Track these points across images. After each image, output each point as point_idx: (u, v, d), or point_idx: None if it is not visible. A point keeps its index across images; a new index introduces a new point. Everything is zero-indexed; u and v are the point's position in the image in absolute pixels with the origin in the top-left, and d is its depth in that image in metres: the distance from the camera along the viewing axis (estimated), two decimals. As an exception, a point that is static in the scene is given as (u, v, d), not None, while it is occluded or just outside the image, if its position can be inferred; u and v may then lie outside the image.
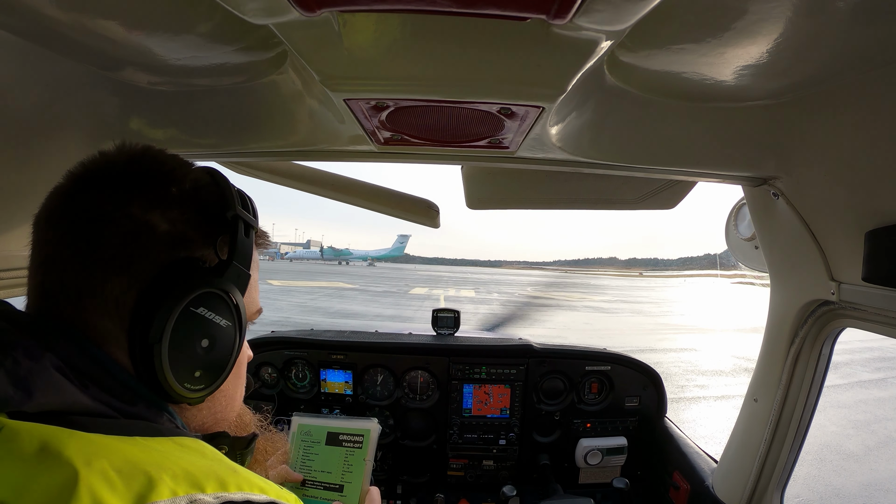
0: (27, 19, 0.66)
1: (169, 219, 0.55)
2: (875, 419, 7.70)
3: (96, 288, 0.52)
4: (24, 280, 0.57)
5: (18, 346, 0.45)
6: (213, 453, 0.52)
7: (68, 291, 0.53)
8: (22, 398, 0.43)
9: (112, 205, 0.54)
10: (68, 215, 0.54)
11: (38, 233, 0.56)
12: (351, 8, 0.53)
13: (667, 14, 0.59)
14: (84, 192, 0.55)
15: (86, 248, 0.52)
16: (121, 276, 0.52)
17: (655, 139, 1.03)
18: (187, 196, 0.58)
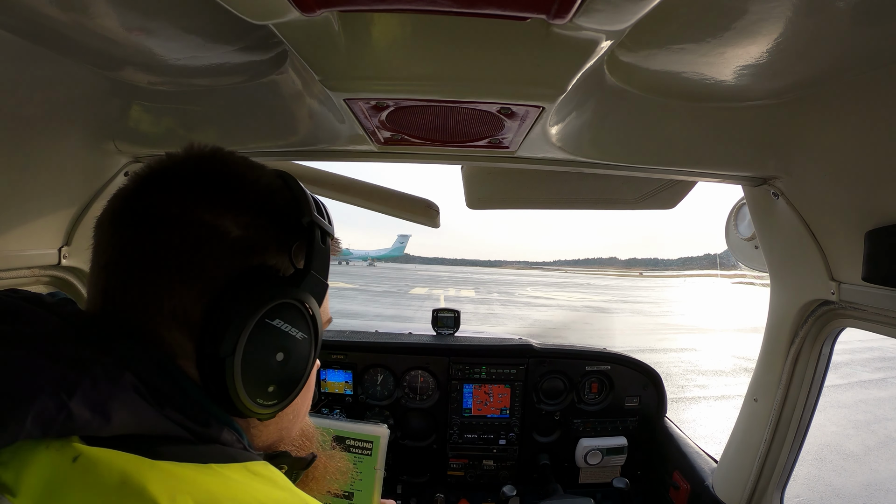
0: (27, 19, 0.65)
1: (241, 224, 0.52)
2: (875, 419, 7.70)
3: (163, 296, 0.49)
4: (25, 280, 0.57)
5: (96, 365, 0.42)
6: (285, 482, 0.50)
7: (133, 299, 0.50)
8: (100, 424, 0.40)
9: (179, 208, 0.51)
10: (133, 218, 0.51)
11: (102, 235, 0.53)
12: (351, 8, 0.53)
13: (667, 14, 0.59)
14: (150, 193, 0.52)
15: (152, 254, 0.49)
16: (190, 284, 0.49)
17: (655, 139, 1.03)
18: (260, 200, 0.54)
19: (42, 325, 0.45)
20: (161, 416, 0.44)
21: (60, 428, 0.39)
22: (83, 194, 1.13)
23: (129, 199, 0.53)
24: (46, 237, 1.08)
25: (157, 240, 0.49)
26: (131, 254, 0.50)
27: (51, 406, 0.38)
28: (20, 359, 0.40)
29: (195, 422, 0.47)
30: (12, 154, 0.88)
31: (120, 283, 0.50)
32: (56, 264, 1.12)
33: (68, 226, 1.13)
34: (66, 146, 0.99)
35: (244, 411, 0.51)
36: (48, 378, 0.39)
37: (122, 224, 0.52)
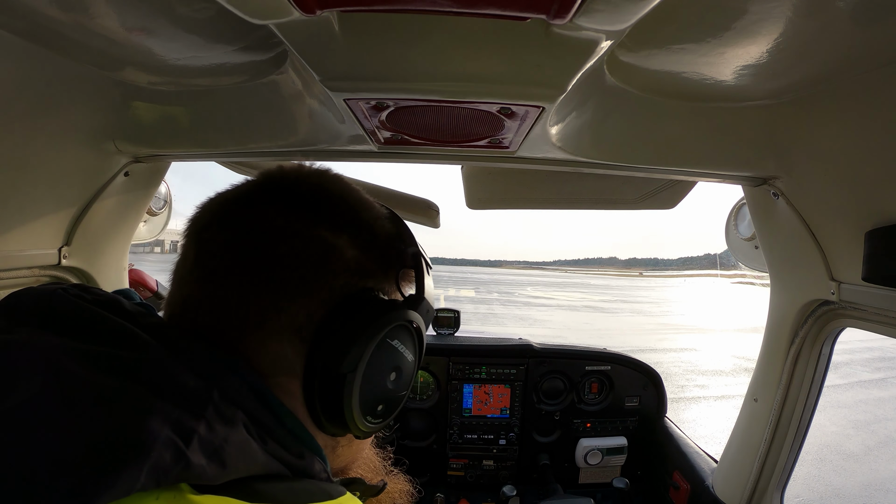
0: (27, 19, 0.65)
1: (356, 245, 0.53)
2: (875, 419, 7.70)
3: (280, 308, 0.48)
4: (25, 280, 0.56)
5: (209, 405, 0.39)
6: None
7: (240, 312, 0.48)
8: (216, 472, 0.37)
9: (303, 222, 0.51)
10: (247, 224, 0.50)
11: (199, 241, 0.51)
12: (351, 8, 0.53)
13: (667, 14, 0.59)
14: (270, 203, 0.52)
15: (271, 266, 0.48)
16: (308, 299, 0.49)
17: (655, 139, 1.03)
18: (371, 225, 0.56)
19: (142, 350, 0.40)
20: (267, 455, 0.42)
21: (175, 478, 0.35)
22: (83, 194, 1.13)
23: (242, 204, 0.52)
24: (46, 237, 1.08)
25: (278, 252, 0.49)
26: (245, 265, 0.49)
27: (167, 457, 0.34)
28: (126, 393, 0.36)
29: (291, 453, 0.45)
30: (12, 154, 0.88)
31: (221, 292, 0.48)
32: (56, 264, 1.12)
33: (68, 226, 1.13)
34: (66, 146, 0.99)
35: (352, 428, 0.51)
36: (162, 421, 0.35)
37: (232, 229, 0.50)
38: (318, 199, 0.54)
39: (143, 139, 1.10)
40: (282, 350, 0.49)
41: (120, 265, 1.38)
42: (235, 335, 0.48)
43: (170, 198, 1.60)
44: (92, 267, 1.24)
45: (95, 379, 0.35)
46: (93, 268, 1.25)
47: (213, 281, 0.49)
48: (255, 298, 0.48)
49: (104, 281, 1.30)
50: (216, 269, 0.49)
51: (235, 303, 0.48)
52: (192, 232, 0.53)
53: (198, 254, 0.51)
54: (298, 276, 0.49)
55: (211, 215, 0.53)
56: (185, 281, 0.51)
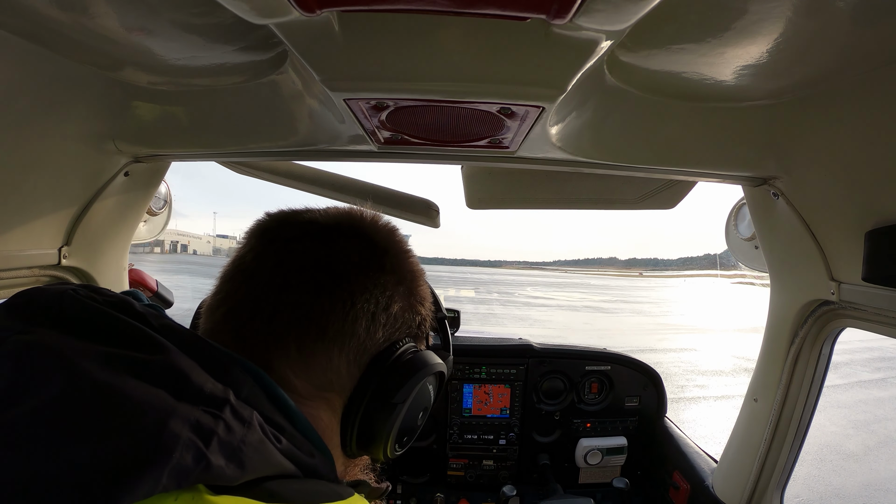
0: (27, 19, 0.65)
1: (407, 299, 0.61)
2: (875, 419, 7.70)
3: (350, 332, 0.54)
4: (25, 280, 0.57)
5: (226, 406, 0.39)
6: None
7: (312, 319, 0.53)
8: (234, 472, 0.37)
9: (374, 264, 0.58)
10: (334, 250, 0.57)
11: (288, 251, 0.56)
12: (351, 8, 0.53)
13: (667, 14, 0.59)
14: (351, 237, 0.59)
15: (347, 292, 0.54)
16: (369, 332, 0.56)
17: (655, 139, 1.03)
18: (419, 283, 0.65)
19: (158, 351, 0.41)
20: (281, 455, 0.43)
21: (195, 479, 0.35)
22: (83, 194, 1.13)
23: (328, 233, 0.58)
24: (46, 237, 1.08)
25: (353, 284, 0.55)
26: (328, 284, 0.54)
27: (188, 458, 0.34)
28: (148, 396, 0.36)
29: (302, 451, 0.46)
30: (12, 154, 0.88)
31: (303, 302, 0.53)
32: (56, 264, 1.12)
33: (68, 226, 1.13)
34: (66, 146, 0.99)
35: (378, 454, 0.59)
36: (182, 422, 0.36)
37: (324, 252, 0.56)
38: (388, 250, 0.61)
39: (143, 139, 1.10)
40: (340, 368, 0.54)
41: (120, 265, 1.38)
42: (298, 341, 0.53)
43: (170, 198, 1.60)
44: (92, 267, 1.24)
45: (114, 381, 0.36)
46: (93, 268, 1.25)
47: (292, 289, 0.54)
48: (333, 316, 0.53)
49: (104, 281, 1.30)
50: (301, 281, 0.54)
51: (314, 314, 0.53)
52: (276, 240, 0.57)
53: (281, 261, 0.56)
54: (370, 310, 0.56)
55: (300, 231, 0.58)
56: (257, 282, 0.55)
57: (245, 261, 0.57)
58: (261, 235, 0.59)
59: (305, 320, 0.53)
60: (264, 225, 0.61)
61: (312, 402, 0.54)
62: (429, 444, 2.05)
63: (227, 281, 0.57)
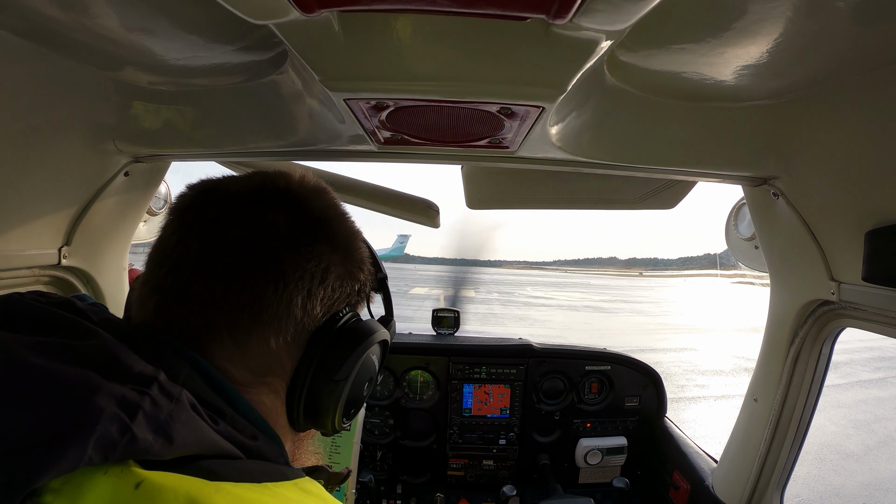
0: (27, 19, 0.65)
1: (344, 264, 0.58)
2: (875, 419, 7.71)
3: (285, 313, 0.51)
4: (25, 280, 0.57)
5: (153, 383, 0.40)
6: (332, 499, 0.52)
7: (243, 306, 0.50)
8: (162, 446, 0.38)
9: (307, 237, 0.54)
10: (259, 228, 0.52)
11: (210, 234, 0.52)
12: (351, 8, 0.53)
13: (667, 14, 0.59)
14: (278, 209, 0.54)
15: (279, 271, 0.51)
16: (306, 309, 0.53)
17: (655, 139, 1.03)
18: (358, 249, 0.61)
19: (88, 337, 0.42)
20: (217, 434, 0.43)
21: (122, 452, 0.36)
22: (83, 194, 1.13)
23: (251, 210, 0.53)
24: (46, 237, 1.08)
25: (286, 262, 0.52)
26: (257, 267, 0.51)
27: (113, 430, 0.36)
28: (75, 377, 0.37)
29: (244, 435, 0.47)
30: (12, 154, 0.88)
31: (231, 289, 0.50)
32: (56, 264, 1.12)
33: (68, 226, 1.13)
34: (66, 146, 0.99)
35: (328, 427, 0.58)
36: (107, 398, 0.36)
37: (246, 233, 0.52)
38: (321, 217, 0.57)
39: (143, 139, 1.10)
40: (278, 350, 0.52)
41: (120, 265, 1.38)
42: (231, 329, 0.50)
43: (170, 198, 1.60)
44: (92, 267, 1.24)
45: (46, 364, 0.37)
46: (93, 268, 1.25)
47: (220, 275, 0.50)
48: (266, 300, 0.50)
49: (104, 281, 1.30)
50: (228, 266, 0.50)
51: (245, 299, 0.50)
52: (198, 222, 0.53)
53: (206, 245, 0.51)
54: (306, 286, 0.53)
55: (221, 210, 0.53)
56: (183, 270, 0.51)
57: (169, 245, 0.53)
58: (181, 216, 0.54)
59: (237, 307, 0.50)
60: (184, 203, 0.56)
61: (253, 388, 0.52)
62: (429, 444, 2.05)
63: (154, 268, 0.53)
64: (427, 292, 31.33)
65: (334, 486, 0.66)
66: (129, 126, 1.05)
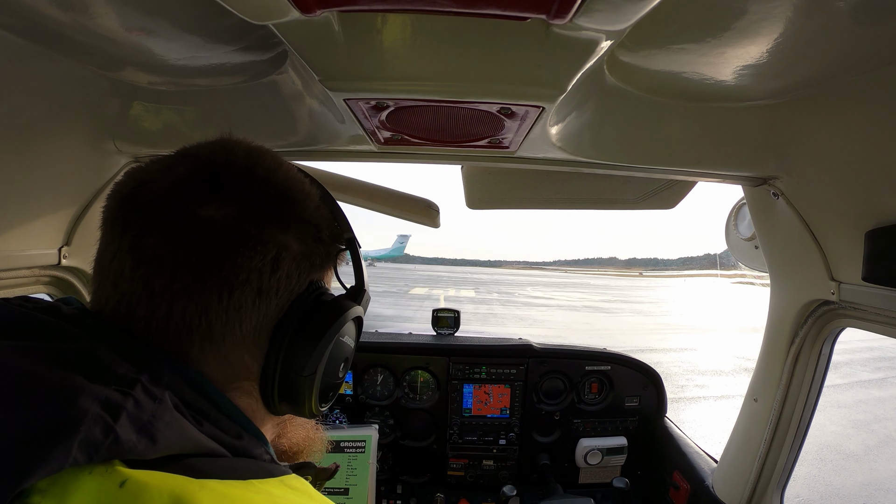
0: (27, 19, 0.65)
1: (301, 240, 0.52)
2: (875, 419, 7.70)
3: (238, 321, 0.48)
4: (24, 280, 0.56)
5: (137, 384, 0.40)
6: (318, 495, 0.51)
7: (191, 323, 0.47)
8: (146, 446, 0.38)
9: (252, 224, 0.48)
10: (193, 230, 0.47)
11: (140, 248, 0.47)
12: (351, 8, 0.53)
13: (667, 14, 0.59)
14: (212, 199, 0.48)
15: (224, 276, 0.47)
16: (265, 305, 0.49)
17: (655, 139, 1.03)
18: (314, 216, 0.54)
19: (72, 341, 0.42)
20: (201, 434, 0.43)
21: (106, 453, 0.37)
22: (83, 194, 1.13)
23: (181, 209, 0.47)
24: (46, 237, 1.08)
25: (233, 262, 0.47)
26: (198, 277, 0.46)
27: (97, 431, 0.36)
28: (59, 380, 0.37)
29: (229, 435, 0.47)
30: (12, 154, 0.88)
31: (177, 306, 0.46)
32: (56, 264, 1.12)
33: (68, 226, 1.13)
34: (66, 146, 0.99)
35: (305, 413, 0.55)
36: (91, 400, 0.37)
37: (179, 241, 0.47)
38: (265, 193, 0.51)
39: (143, 139, 1.10)
40: (240, 359, 0.50)
41: (120, 265, 1.38)
42: (188, 345, 0.48)
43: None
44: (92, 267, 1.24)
45: (31, 368, 0.38)
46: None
47: (158, 297, 0.46)
48: (212, 314, 0.47)
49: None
50: (165, 285, 0.46)
51: (190, 319, 0.47)
52: (126, 235, 0.47)
53: (140, 260, 0.47)
54: (254, 286, 0.48)
55: (147, 219, 0.47)
56: (124, 290, 0.47)
57: (104, 262, 0.49)
58: (111, 227, 0.49)
59: (184, 329, 0.47)
60: (111, 211, 0.50)
61: (229, 392, 0.51)
62: (429, 444, 2.05)
63: (98, 287, 0.50)
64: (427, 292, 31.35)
65: (322, 482, 0.66)
66: (129, 126, 1.05)
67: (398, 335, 2.19)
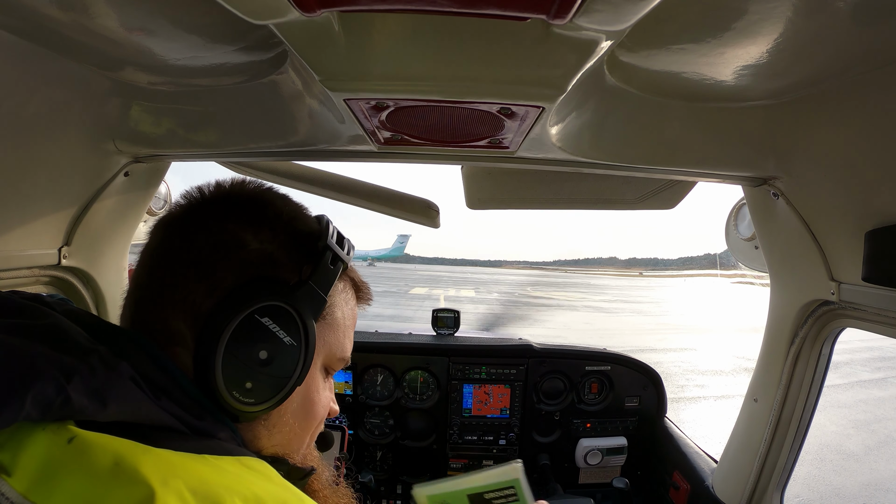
0: (27, 19, 0.66)
1: (260, 238, 0.58)
2: (875, 419, 7.71)
3: (178, 287, 0.55)
4: (25, 280, 0.57)
5: (94, 354, 0.45)
6: (279, 479, 0.51)
7: (153, 288, 0.56)
8: (96, 408, 0.42)
9: (213, 219, 0.58)
10: (175, 224, 0.59)
11: (145, 243, 0.60)
12: (351, 8, 0.53)
13: (667, 14, 0.59)
14: (196, 208, 0.61)
15: (178, 250, 0.56)
16: (204, 281, 0.55)
17: (655, 139, 1.03)
18: (283, 222, 0.61)
19: (43, 318, 0.47)
20: (157, 406, 0.46)
21: (58, 411, 0.40)
22: (83, 194, 1.13)
23: (179, 213, 0.60)
24: (46, 237, 1.08)
25: (186, 240, 0.57)
26: (163, 252, 0.58)
27: (49, 389, 0.40)
28: (22, 346, 0.42)
29: (190, 414, 0.49)
30: (12, 154, 0.88)
31: (147, 277, 0.57)
32: (56, 264, 1.12)
33: (68, 226, 1.13)
34: (66, 146, 0.99)
35: (224, 404, 0.53)
36: (47, 363, 0.41)
37: (166, 229, 0.59)
38: (233, 200, 0.61)
39: (143, 139, 1.10)
40: (180, 326, 0.55)
41: (120, 265, 1.38)
42: (149, 312, 0.56)
43: (170, 198, 1.60)
44: (92, 267, 1.24)
45: (1, 339, 0.42)
46: (93, 268, 1.25)
47: (141, 269, 0.59)
48: (162, 278, 0.56)
49: (104, 281, 1.30)
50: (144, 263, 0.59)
51: (150, 284, 0.57)
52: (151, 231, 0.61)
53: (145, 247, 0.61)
54: (197, 261, 0.55)
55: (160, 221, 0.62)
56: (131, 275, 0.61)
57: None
58: None
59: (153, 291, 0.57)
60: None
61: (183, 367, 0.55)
62: (429, 445, 2.05)
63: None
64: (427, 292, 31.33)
65: (296, 479, 0.63)
66: (129, 126, 1.05)
67: (398, 335, 2.19)
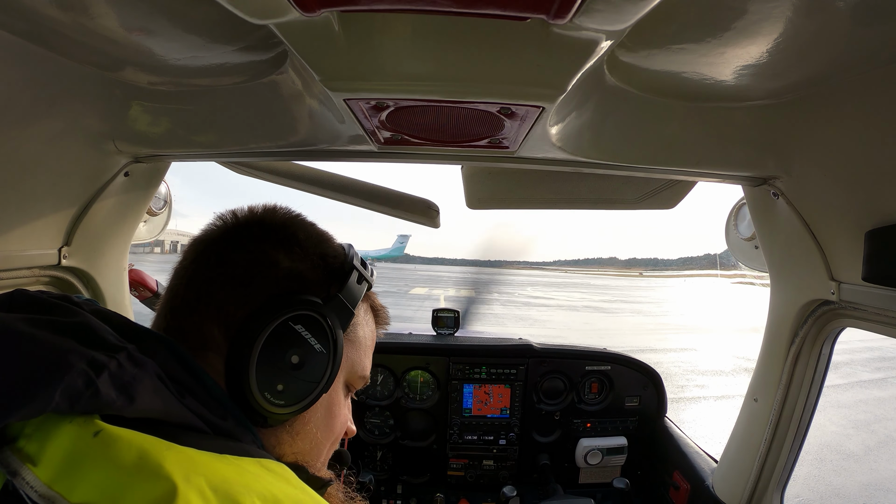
0: (27, 19, 0.66)
1: (292, 258, 0.64)
2: (875, 419, 7.71)
3: (214, 297, 0.59)
4: (25, 280, 0.58)
5: (123, 351, 0.46)
6: (298, 482, 0.52)
7: (189, 298, 0.60)
8: (124, 403, 0.43)
9: (249, 240, 0.64)
10: (213, 243, 0.65)
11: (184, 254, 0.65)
12: (351, 8, 0.53)
13: (667, 14, 0.59)
14: (232, 230, 0.66)
15: (216, 265, 0.62)
16: (241, 294, 0.59)
17: (655, 139, 1.03)
18: (312, 244, 0.67)
19: (73, 316, 0.49)
20: (181, 405, 0.48)
21: (86, 404, 0.41)
22: (83, 194, 1.13)
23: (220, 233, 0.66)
24: (46, 237, 1.08)
25: (225, 256, 0.62)
26: (200, 266, 0.62)
27: (79, 382, 0.41)
28: (53, 341, 0.44)
29: (214, 414, 0.51)
30: (12, 154, 0.88)
31: (183, 286, 0.62)
32: (56, 264, 1.12)
33: (68, 226, 1.13)
34: (67, 146, 0.99)
35: (256, 407, 0.56)
36: (78, 357, 0.43)
37: (208, 246, 0.64)
38: (267, 224, 0.66)
39: (143, 139, 1.10)
40: (210, 330, 0.59)
41: (120, 265, 1.38)
42: (183, 318, 0.60)
43: (170, 198, 1.60)
44: (92, 267, 1.24)
45: (33, 332, 0.44)
46: (93, 268, 1.25)
47: (177, 279, 0.64)
48: (199, 289, 0.61)
49: (104, 281, 1.30)
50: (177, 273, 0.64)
51: (187, 294, 0.61)
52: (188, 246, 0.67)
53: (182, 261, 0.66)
54: (239, 276, 0.60)
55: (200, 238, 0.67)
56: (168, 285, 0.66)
57: None
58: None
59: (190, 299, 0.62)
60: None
61: (213, 372, 0.57)
62: (429, 445, 2.05)
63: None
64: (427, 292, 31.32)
65: (315, 488, 0.62)
66: (130, 126, 1.05)
67: (398, 335, 2.19)
